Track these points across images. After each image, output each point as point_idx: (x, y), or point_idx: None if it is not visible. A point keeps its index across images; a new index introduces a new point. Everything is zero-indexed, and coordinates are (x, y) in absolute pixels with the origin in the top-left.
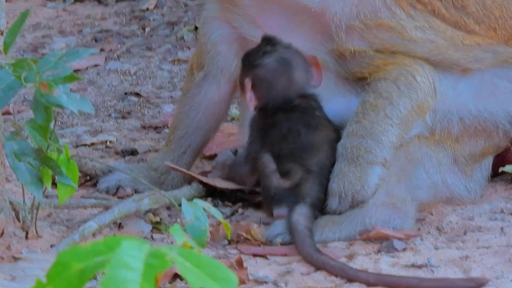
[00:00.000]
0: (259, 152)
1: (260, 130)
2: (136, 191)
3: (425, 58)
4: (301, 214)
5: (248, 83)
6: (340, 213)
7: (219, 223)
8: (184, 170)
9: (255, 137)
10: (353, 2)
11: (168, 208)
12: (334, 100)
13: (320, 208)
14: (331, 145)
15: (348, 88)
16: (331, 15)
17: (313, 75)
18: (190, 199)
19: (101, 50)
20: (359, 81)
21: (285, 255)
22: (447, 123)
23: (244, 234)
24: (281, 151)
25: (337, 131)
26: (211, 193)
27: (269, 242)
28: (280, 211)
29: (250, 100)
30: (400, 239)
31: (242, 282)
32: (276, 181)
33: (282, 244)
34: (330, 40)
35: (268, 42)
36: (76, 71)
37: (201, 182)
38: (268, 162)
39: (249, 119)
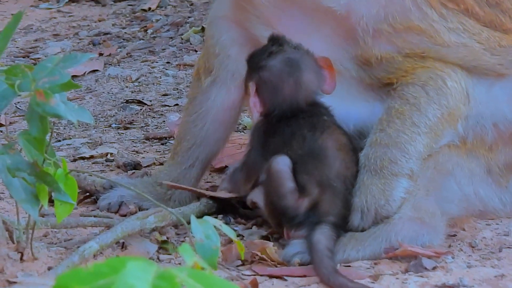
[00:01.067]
0: (257, 162)
1: (262, 137)
2: (140, 208)
3: (458, 64)
4: (322, 233)
5: (252, 87)
6: (363, 230)
7: (231, 242)
8: (188, 187)
9: (255, 144)
10: (380, 3)
11: (176, 226)
12: (356, 106)
13: (344, 227)
14: (346, 151)
15: (371, 94)
16: (357, 18)
17: (326, 79)
18: (199, 216)
19: (100, 54)
20: (384, 87)
21: (304, 276)
22: (480, 129)
23: (259, 254)
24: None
25: (348, 135)
26: (222, 209)
27: (286, 262)
28: (299, 233)
29: (254, 105)
30: (429, 257)
31: None
32: (294, 202)
33: (301, 264)
34: (354, 45)
35: (275, 42)
36: (72, 77)
37: (211, 197)
38: (286, 179)
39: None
